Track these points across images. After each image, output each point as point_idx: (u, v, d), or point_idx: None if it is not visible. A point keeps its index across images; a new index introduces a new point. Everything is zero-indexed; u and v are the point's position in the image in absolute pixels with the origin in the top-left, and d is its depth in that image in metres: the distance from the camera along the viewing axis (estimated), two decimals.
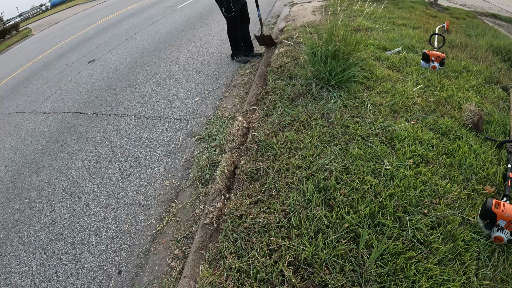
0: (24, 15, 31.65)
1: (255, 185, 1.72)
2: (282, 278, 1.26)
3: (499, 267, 1.24)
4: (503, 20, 6.06)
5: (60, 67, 5.53)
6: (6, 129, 3.60)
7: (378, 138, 1.90)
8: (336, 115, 2.14)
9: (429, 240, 1.32)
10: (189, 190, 2.10)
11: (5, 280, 1.78)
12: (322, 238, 1.36)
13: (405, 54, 3.10)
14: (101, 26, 8.58)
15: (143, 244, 1.81)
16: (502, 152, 1.80)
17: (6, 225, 2.16)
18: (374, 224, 1.40)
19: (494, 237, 1.31)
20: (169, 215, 1.94)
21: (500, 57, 3.33)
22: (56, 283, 1.69)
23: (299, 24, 4.43)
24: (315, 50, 2.62)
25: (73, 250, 1.86)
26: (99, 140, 2.85)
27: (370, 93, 2.37)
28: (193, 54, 4.43)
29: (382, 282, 1.20)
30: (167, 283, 1.53)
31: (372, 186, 1.57)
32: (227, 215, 1.59)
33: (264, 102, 2.54)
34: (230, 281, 1.29)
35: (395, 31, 3.86)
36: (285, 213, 1.52)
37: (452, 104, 2.25)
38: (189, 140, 2.59)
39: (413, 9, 5.39)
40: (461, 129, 1.97)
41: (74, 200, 2.22)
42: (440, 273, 1.21)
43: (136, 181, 2.27)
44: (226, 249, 1.43)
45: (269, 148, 1.97)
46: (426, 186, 1.56)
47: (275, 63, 3.16)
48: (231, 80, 3.45)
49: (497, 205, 1.31)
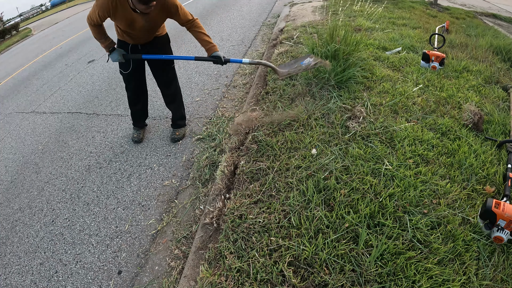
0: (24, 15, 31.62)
1: (255, 185, 1.72)
2: (282, 278, 1.26)
3: (499, 267, 1.24)
4: (503, 20, 6.06)
5: (60, 67, 5.53)
6: (6, 129, 3.60)
7: (378, 138, 1.90)
8: (336, 115, 2.14)
9: (429, 240, 1.32)
10: (189, 190, 2.10)
11: (5, 280, 1.78)
12: (322, 238, 1.36)
13: (405, 54, 3.10)
14: None
15: (143, 244, 1.81)
16: (502, 152, 1.80)
17: (6, 225, 2.16)
18: (374, 224, 1.40)
19: (494, 237, 1.31)
20: (169, 215, 1.94)
21: (500, 57, 3.34)
22: (56, 283, 1.69)
23: (299, 24, 4.43)
24: (315, 50, 2.62)
25: (73, 250, 1.86)
26: (99, 140, 2.85)
27: (370, 93, 2.37)
28: (193, 54, 4.42)
29: (382, 282, 1.20)
30: (167, 283, 1.53)
31: (372, 186, 1.57)
32: (227, 215, 1.59)
33: (264, 102, 2.54)
34: (230, 281, 1.29)
35: (395, 31, 3.87)
36: (285, 213, 1.52)
37: (452, 104, 2.25)
38: (189, 140, 2.59)
39: (413, 9, 5.40)
40: (461, 129, 1.97)
41: (74, 200, 2.22)
42: (440, 273, 1.21)
43: (136, 181, 2.27)
44: (226, 249, 1.43)
45: (269, 148, 1.97)
46: (426, 186, 1.56)
47: (275, 63, 3.16)
48: (231, 80, 3.45)
49: (497, 205, 1.31)
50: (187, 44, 4.91)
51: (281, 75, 2.24)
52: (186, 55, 4.44)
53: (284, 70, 2.29)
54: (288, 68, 2.33)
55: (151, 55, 2.18)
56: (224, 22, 5.81)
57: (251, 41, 4.55)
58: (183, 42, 5.02)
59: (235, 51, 4.28)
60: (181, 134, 2.63)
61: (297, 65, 2.30)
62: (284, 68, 2.33)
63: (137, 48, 2.21)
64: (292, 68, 2.28)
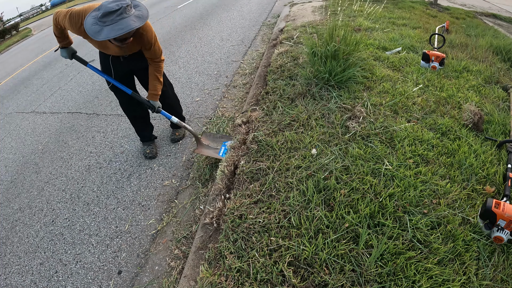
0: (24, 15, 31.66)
1: (255, 185, 1.72)
2: (282, 278, 1.26)
3: (499, 267, 1.24)
4: (503, 20, 6.06)
5: (60, 67, 5.52)
6: (6, 129, 3.60)
7: (378, 138, 1.90)
8: (336, 115, 2.14)
9: (429, 240, 1.32)
10: (189, 190, 2.10)
11: (5, 280, 1.78)
12: (322, 238, 1.36)
13: (405, 54, 3.10)
14: None
15: (143, 244, 1.81)
16: (502, 152, 1.80)
17: (6, 225, 2.16)
18: (374, 224, 1.40)
19: (494, 237, 1.31)
20: (169, 215, 1.94)
21: (500, 57, 3.34)
22: (56, 283, 1.69)
23: (299, 24, 4.43)
24: (315, 50, 2.62)
25: (73, 250, 1.86)
26: (99, 140, 2.85)
27: (370, 93, 2.37)
28: (193, 54, 4.43)
29: (382, 282, 1.20)
30: (167, 283, 1.53)
31: (372, 186, 1.57)
32: (227, 215, 1.59)
33: (264, 102, 2.54)
34: (230, 281, 1.29)
35: (395, 31, 3.86)
36: (285, 213, 1.52)
37: (452, 104, 2.25)
38: (189, 140, 2.59)
39: (413, 9, 5.40)
40: (461, 129, 1.97)
41: (74, 200, 2.22)
42: (440, 273, 1.21)
43: (136, 181, 2.27)
44: (226, 249, 1.43)
45: (269, 148, 1.97)
46: (426, 186, 1.56)
47: (275, 63, 3.16)
48: (231, 80, 3.45)
49: (497, 205, 1.31)
50: (187, 44, 4.91)
51: (198, 150, 2.19)
52: (186, 55, 4.45)
53: (204, 144, 2.22)
54: (211, 142, 2.26)
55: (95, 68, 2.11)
56: (224, 22, 5.81)
57: (251, 41, 4.55)
58: (183, 42, 5.02)
59: (235, 51, 4.28)
60: (180, 134, 2.60)
61: (219, 142, 2.24)
62: (206, 140, 2.27)
63: (118, 59, 2.02)
64: (211, 149, 2.20)
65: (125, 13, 1.53)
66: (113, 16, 1.50)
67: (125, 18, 1.53)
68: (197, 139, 2.21)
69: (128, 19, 1.53)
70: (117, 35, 1.50)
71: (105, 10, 1.50)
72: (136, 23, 1.55)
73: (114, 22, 1.50)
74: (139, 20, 1.58)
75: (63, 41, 2.00)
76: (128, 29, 1.51)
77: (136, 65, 2.05)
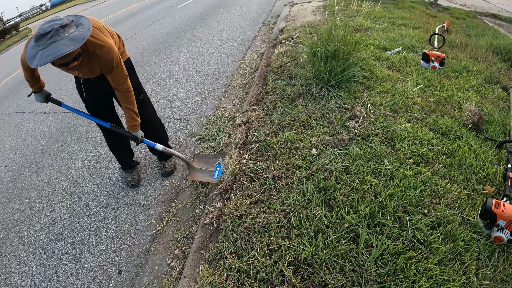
0: (24, 15, 31.63)
1: (255, 185, 1.72)
2: (282, 278, 1.26)
3: (499, 267, 1.24)
4: (503, 20, 6.06)
5: None
6: (6, 129, 3.60)
7: (378, 138, 1.90)
8: (336, 115, 2.14)
9: (429, 240, 1.32)
10: (189, 190, 2.10)
11: (5, 280, 1.78)
12: (322, 238, 1.36)
13: (405, 54, 3.10)
14: None
15: (143, 244, 1.81)
16: (502, 152, 1.80)
17: (6, 225, 2.16)
18: (374, 224, 1.40)
19: (494, 237, 1.31)
20: (169, 215, 1.94)
21: (500, 57, 3.34)
22: (56, 283, 1.69)
23: (299, 24, 4.43)
24: (315, 50, 2.62)
25: (73, 250, 1.86)
26: (99, 140, 2.85)
27: (370, 93, 2.37)
28: (193, 54, 4.43)
29: (382, 282, 1.20)
30: (167, 283, 1.53)
31: (372, 186, 1.57)
32: (227, 215, 1.59)
33: (264, 102, 2.54)
34: (230, 281, 1.29)
35: (395, 31, 3.86)
36: (285, 213, 1.52)
37: (452, 104, 2.25)
38: (189, 140, 2.59)
39: (413, 9, 5.39)
40: (461, 129, 1.97)
41: (74, 200, 2.22)
42: (440, 273, 1.21)
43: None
44: (226, 249, 1.43)
45: (269, 148, 1.97)
46: (426, 186, 1.56)
47: (275, 63, 3.16)
48: (231, 80, 3.45)
49: (497, 205, 1.31)
50: (187, 44, 4.91)
51: (190, 176, 2.03)
52: (186, 55, 4.45)
53: (197, 168, 2.06)
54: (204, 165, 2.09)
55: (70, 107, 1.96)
56: (224, 22, 5.81)
57: (251, 41, 4.55)
58: (183, 42, 5.02)
59: (235, 51, 4.28)
60: (171, 166, 2.29)
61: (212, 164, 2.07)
62: (199, 163, 2.09)
63: (89, 81, 1.81)
64: (205, 172, 2.03)
65: (58, 36, 1.32)
66: (44, 39, 1.32)
67: (57, 42, 1.31)
68: (188, 165, 2.05)
69: (59, 43, 1.31)
70: (46, 62, 1.30)
71: (38, 32, 1.33)
72: (67, 48, 1.32)
73: (45, 47, 1.31)
74: (73, 43, 1.34)
75: (35, 85, 1.83)
76: (56, 55, 1.29)
77: (109, 86, 1.73)
